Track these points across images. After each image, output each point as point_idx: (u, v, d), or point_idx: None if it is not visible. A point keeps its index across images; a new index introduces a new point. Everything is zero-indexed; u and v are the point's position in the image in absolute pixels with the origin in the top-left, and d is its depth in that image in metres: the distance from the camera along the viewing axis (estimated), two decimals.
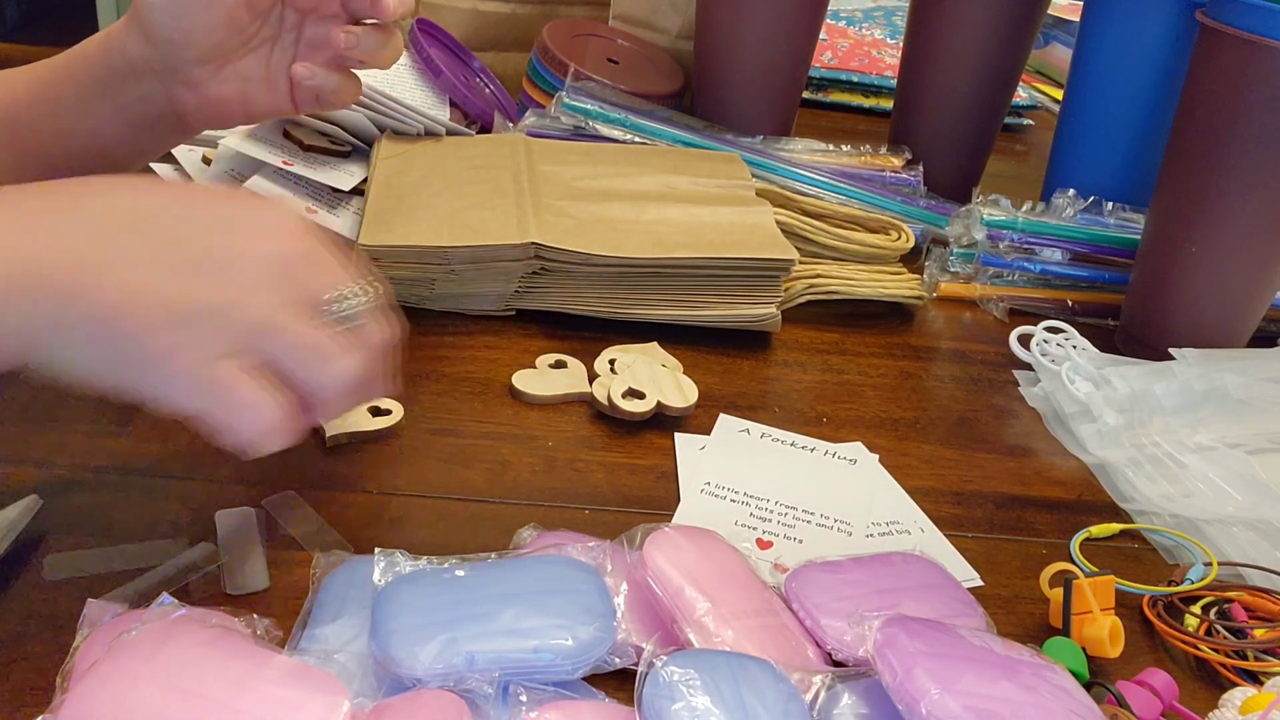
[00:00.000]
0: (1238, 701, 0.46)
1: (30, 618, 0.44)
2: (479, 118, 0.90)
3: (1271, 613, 0.53)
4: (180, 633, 0.39)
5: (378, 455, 0.57)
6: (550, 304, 0.70)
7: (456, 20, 1.05)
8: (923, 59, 0.96)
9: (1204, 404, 0.67)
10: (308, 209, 0.74)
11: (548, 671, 0.42)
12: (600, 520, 0.54)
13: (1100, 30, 0.89)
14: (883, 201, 0.89)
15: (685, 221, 0.74)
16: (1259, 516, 0.59)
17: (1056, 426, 0.68)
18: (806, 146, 0.96)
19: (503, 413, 0.62)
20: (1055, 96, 1.35)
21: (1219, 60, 0.68)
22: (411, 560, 0.46)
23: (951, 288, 0.83)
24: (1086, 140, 0.92)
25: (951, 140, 0.97)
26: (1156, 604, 0.53)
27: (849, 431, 0.65)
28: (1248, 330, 0.75)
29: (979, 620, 0.49)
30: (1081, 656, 0.48)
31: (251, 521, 0.50)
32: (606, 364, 0.65)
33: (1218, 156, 0.69)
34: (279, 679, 0.38)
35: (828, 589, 0.48)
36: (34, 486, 0.49)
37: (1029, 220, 0.84)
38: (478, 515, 0.53)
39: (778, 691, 0.41)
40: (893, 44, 1.34)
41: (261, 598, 0.47)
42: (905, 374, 0.72)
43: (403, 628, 0.41)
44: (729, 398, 0.66)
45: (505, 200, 0.72)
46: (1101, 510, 0.61)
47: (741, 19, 0.93)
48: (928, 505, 0.59)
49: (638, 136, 0.89)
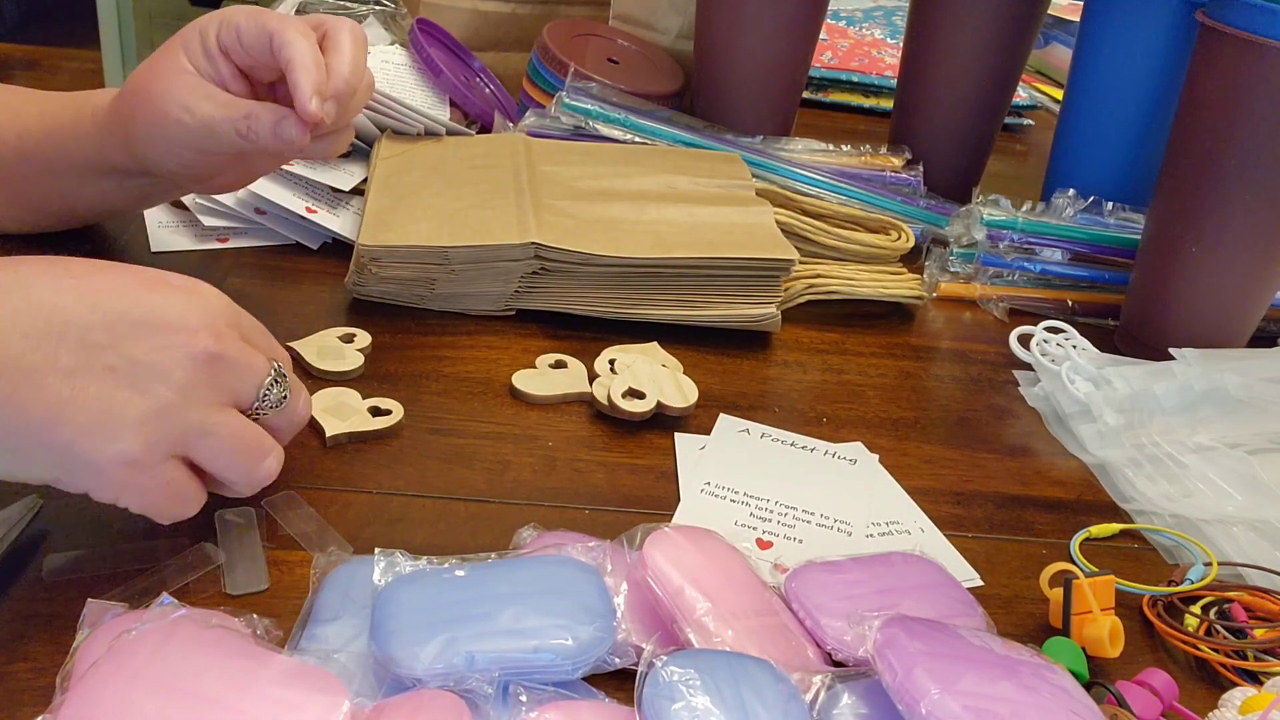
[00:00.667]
0: (1238, 701, 0.46)
1: (30, 618, 0.44)
2: (479, 118, 0.90)
3: (1271, 613, 0.53)
4: (180, 633, 0.39)
5: (378, 455, 0.57)
6: (550, 304, 0.70)
7: (456, 20, 1.05)
8: (923, 59, 0.96)
9: (1204, 404, 0.67)
10: (307, 209, 0.74)
11: (548, 671, 0.42)
12: (600, 520, 0.54)
13: (1100, 30, 0.89)
14: (883, 201, 0.89)
15: (685, 221, 0.74)
16: (1259, 516, 0.59)
17: (1056, 426, 0.68)
18: (806, 146, 0.96)
19: (503, 413, 0.62)
20: (1055, 96, 1.35)
21: (1219, 60, 0.68)
22: (411, 560, 0.46)
23: (951, 288, 0.83)
24: (1086, 140, 0.92)
25: (951, 140, 0.97)
26: (1156, 604, 0.53)
27: (849, 431, 0.65)
28: (1248, 330, 0.75)
29: (979, 620, 0.49)
30: (1081, 656, 0.48)
31: (251, 521, 0.50)
32: (606, 364, 0.65)
33: (1218, 156, 0.69)
34: (279, 679, 0.38)
35: (828, 589, 0.48)
36: (34, 486, 0.49)
37: (1029, 220, 0.84)
38: (478, 515, 0.53)
39: (778, 691, 0.41)
40: (893, 44, 1.34)
41: (261, 598, 0.47)
42: (905, 374, 0.72)
43: (403, 628, 0.41)
44: (729, 398, 0.66)
45: (505, 200, 0.72)
46: (1101, 510, 0.61)
47: (741, 19, 0.93)
48: (928, 505, 0.59)
49: (638, 136, 0.89)
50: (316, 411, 0.58)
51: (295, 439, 0.56)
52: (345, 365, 0.62)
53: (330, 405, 0.58)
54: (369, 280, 0.68)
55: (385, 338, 0.66)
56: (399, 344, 0.66)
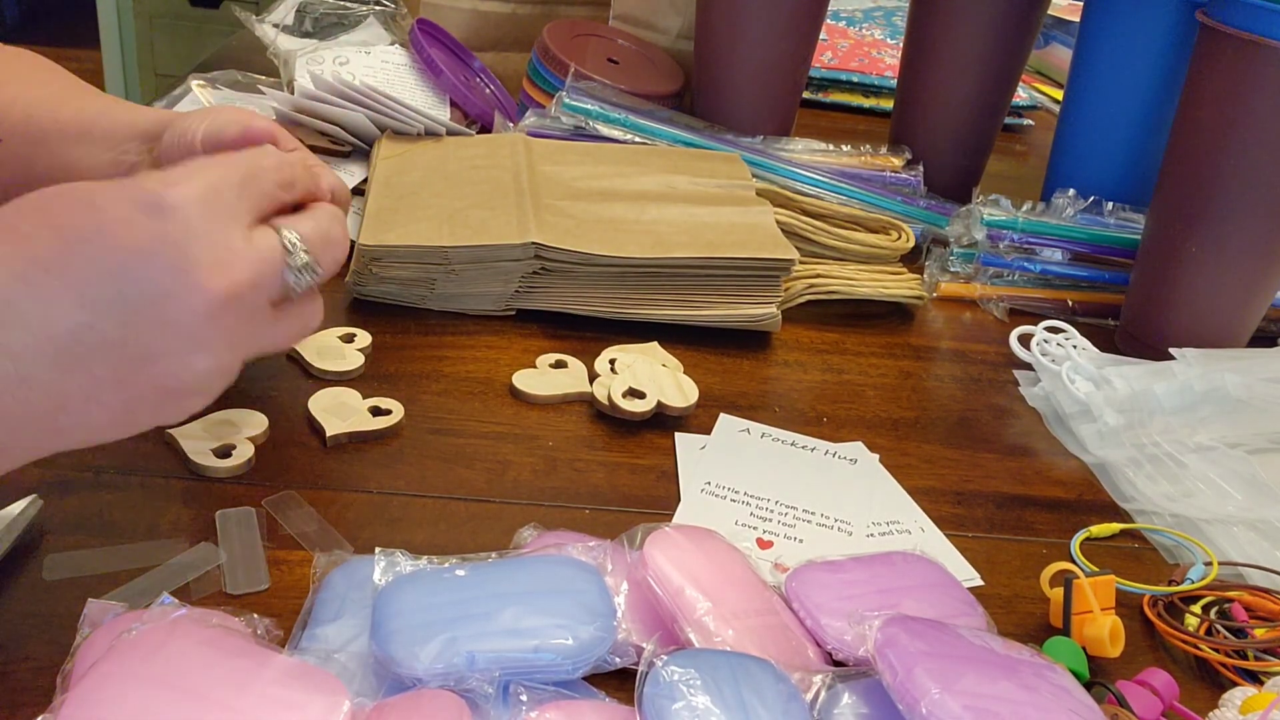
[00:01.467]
0: (1238, 701, 0.46)
1: (30, 618, 0.44)
2: (479, 118, 0.90)
3: (1271, 613, 0.53)
4: (180, 633, 0.39)
5: (378, 455, 0.57)
6: (550, 304, 0.70)
7: (456, 20, 1.04)
8: (923, 59, 0.96)
9: (1204, 404, 0.67)
10: None
11: (548, 671, 0.42)
12: (600, 520, 0.54)
13: (1100, 30, 0.89)
14: (883, 201, 0.89)
15: (685, 221, 0.74)
16: (1259, 516, 0.59)
17: (1056, 426, 0.68)
18: (806, 146, 0.96)
19: (503, 413, 0.62)
20: (1055, 96, 1.35)
21: (1219, 60, 0.68)
22: (411, 560, 0.46)
23: (951, 288, 0.83)
24: (1086, 140, 0.92)
25: (951, 140, 0.97)
26: (1157, 604, 0.53)
27: (849, 431, 0.65)
28: (1248, 330, 0.75)
29: (979, 620, 0.49)
30: (1081, 656, 0.48)
31: (251, 521, 0.50)
32: (607, 364, 0.65)
33: (1218, 156, 0.69)
34: (279, 679, 0.38)
35: (828, 589, 0.48)
36: (34, 486, 0.49)
37: (1029, 220, 0.84)
38: (478, 515, 0.53)
39: (778, 691, 0.41)
40: (893, 44, 1.34)
41: (261, 598, 0.47)
42: (905, 374, 0.72)
43: (403, 628, 0.41)
44: (729, 398, 0.66)
45: (505, 200, 0.72)
46: (1102, 510, 0.61)
47: (741, 19, 0.93)
48: (928, 505, 0.59)
49: (638, 136, 0.89)
50: (316, 411, 0.58)
51: (295, 439, 0.56)
52: (345, 365, 0.62)
53: (330, 405, 0.58)
54: (369, 280, 0.68)
55: (385, 338, 0.66)
56: (399, 344, 0.66)
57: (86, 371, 0.38)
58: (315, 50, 0.91)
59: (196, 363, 0.41)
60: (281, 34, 0.97)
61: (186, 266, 0.40)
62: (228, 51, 1.13)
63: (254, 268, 0.42)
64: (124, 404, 0.40)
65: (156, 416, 0.42)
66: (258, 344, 0.44)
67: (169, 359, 0.40)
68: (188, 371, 0.41)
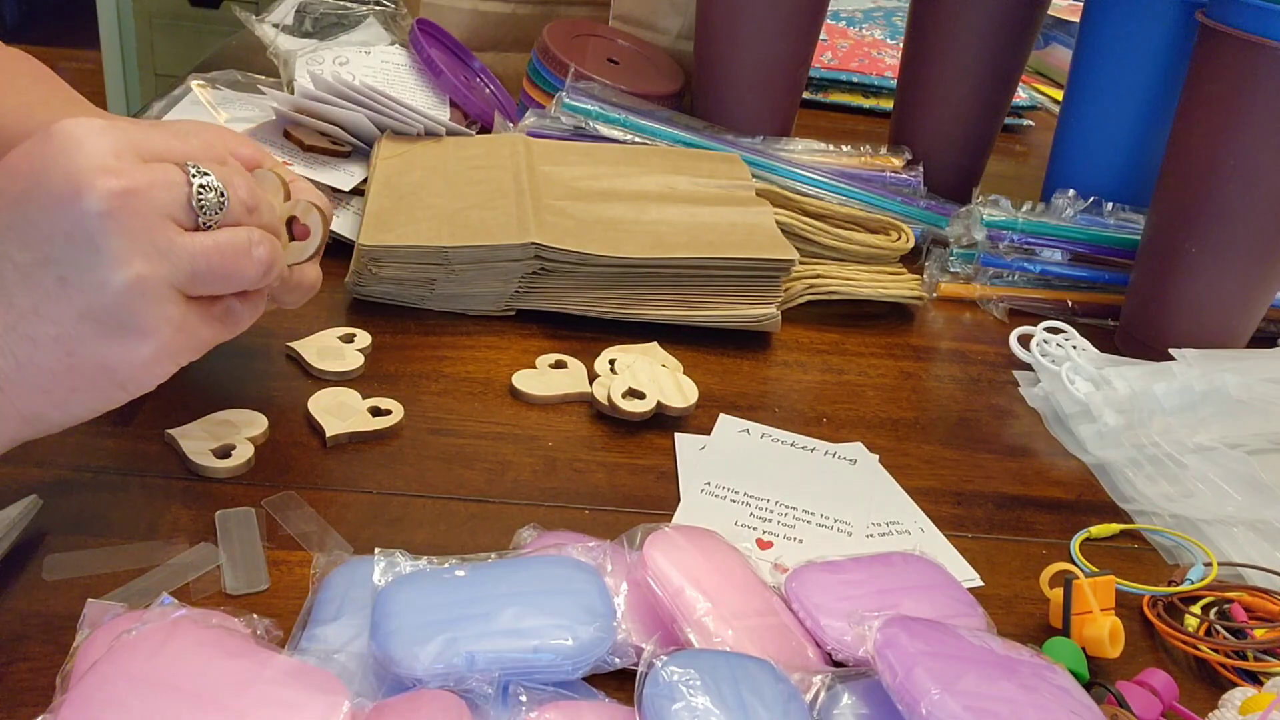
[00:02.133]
0: (1238, 701, 0.46)
1: (30, 618, 0.44)
2: (479, 118, 0.90)
3: (1271, 613, 0.53)
4: (180, 633, 0.39)
5: (378, 455, 0.57)
6: (550, 304, 0.70)
7: (456, 20, 1.04)
8: (923, 59, 0.96)
9: (1204, 404, 0.67)
10: None
11: (548, 671, 0.42)
12: (600, 520, 0.54)
13: (1100, 30, 0.89)
14: (883, 202, 0.89)
15: (685, 222, 0.74)
16: (1259, 516, 0.59)
17: (1056, 427, 0.68)
18: (806, 147, 0.96)
19: (503, 413, 0.62)
20: (1055, 96, 1.35)
21: (1219, 60, 0.68)
22: (411, 560, 0.46)
23: (951, 288, 0.83)
24: (1086, 140, 0.92)
25: (951, 140, 0.97)
26: (1156, 604, 0.53)
27: (849, 431, 0.65)
28: (1248, 330, 0.75)
29: (979, 620, 0.49)
30: (1081, 656, 0.48)
31: (251, 522, 0.50)
32: (606, 364, 0.65)
33: (1218, 156, 0.69)
34: (279, 679, 0.38)
35: (828, 589, 0.48)
36: (34, 486, 0.49)
37: (1029, 220, 0.84)
38: (478, 515, 0.53)
39: (778, 691, 0.41)
40: (893, 44, 1.34)
41: (261, 598, 0.47)
42: (905, 374, 0.72)
43: (403, 628, 0.41)
44: (729, 398, 0.66)
45: (505, 200, 0.72)
46: (1101, 510, 0.61)
47: (741, 19, 0.93)
48: (928, 505, 0.59)
49: (638, 136, 0.89)
50: (316, 412, 0.58)
51: (295, 439, 0.56)
52: (345, 365, 0.62)
53: (330, 405, 0.58)
54: (369, 280, 0.68)
55: (385, 338, 0.66)
56: (399, 344, 0.66)
57: (8, 303, 0.40)
58: (315, 50, 0.91)
59: (112, 278, 0.41)
60: (281, 34, 0.97)
61: (75, 171, 0.40)
62: (228, 51, 1.13)
63: (147, 175, 0.42)
64: (61, 345, 0.41)
65: (105, 365, 0.42)
66: (179, 270, 0.42)
67: (83, 276, 0.41)
68: (107, 292, 0.41)
